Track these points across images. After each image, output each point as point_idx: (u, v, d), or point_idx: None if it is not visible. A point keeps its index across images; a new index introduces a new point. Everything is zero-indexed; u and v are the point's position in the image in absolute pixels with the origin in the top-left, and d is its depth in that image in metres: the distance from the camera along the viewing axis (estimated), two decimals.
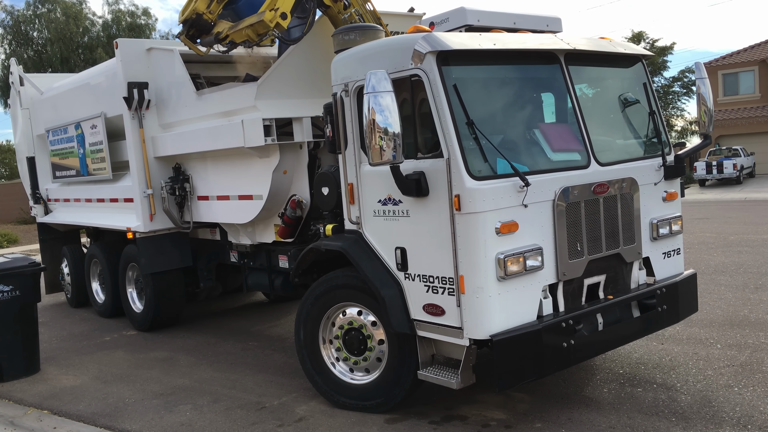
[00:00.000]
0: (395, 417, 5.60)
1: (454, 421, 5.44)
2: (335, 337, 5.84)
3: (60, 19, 31.56)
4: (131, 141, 8.66)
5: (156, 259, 8.88)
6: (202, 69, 8.51)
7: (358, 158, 5.43)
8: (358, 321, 5.66)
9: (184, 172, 8.60)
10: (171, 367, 7.70)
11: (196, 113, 7.97)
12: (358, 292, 5.59)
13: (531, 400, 5.73)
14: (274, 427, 5.63)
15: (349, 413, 5.79)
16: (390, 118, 4.60)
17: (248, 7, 6.91)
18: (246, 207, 7.60)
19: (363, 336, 5.65)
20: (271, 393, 6.50)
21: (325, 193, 6.00)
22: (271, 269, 7.96)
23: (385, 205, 5.23)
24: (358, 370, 5.76)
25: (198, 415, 6.07)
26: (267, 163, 7.18)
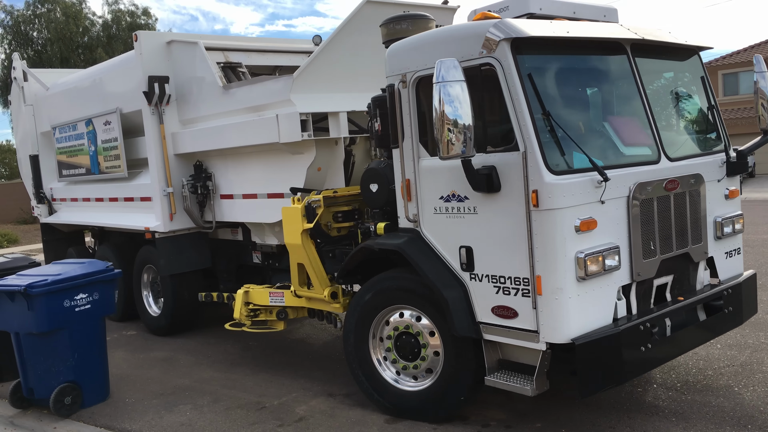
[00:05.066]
0: (395, 417, 5.54)
1: (455, 420, 5.40)
2: (387, 349, 5.55)
3: (60, 19, 31.13)
4: (151, 137, 8.31)
5: (175, 260, 8.53)
6: (244, 57, 8.17)
7: (417, 152, 5.16)
8: (412, 325, 5.37)
9: (206, 169, 8.27)
10: (171, 367, 7.65)
11: (222, 108, 7.64)
12: (412, 295, 5.30)
13: (531, 400, 5.46)
14: (274, 427, 5.61)
15: (349, 413, 5.78)
16: (461, 109, 4.34)
17: None
18: (276, 206, 7.27)
19: (416, 341, 5.37)
20: (271, 393, 6.47)
21: (373, 190, 5.71)
22: None
23: (448, 201, 4.96)
24: (409, 375, 5.47)
25: (198, 414, 6.04)
26: (301, 160, 6.88)
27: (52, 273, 6.44)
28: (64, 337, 6.31)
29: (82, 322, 6.40)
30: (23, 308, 6.17)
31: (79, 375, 6.41)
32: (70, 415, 6.29)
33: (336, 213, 6.27)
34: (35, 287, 6.11)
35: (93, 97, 9.55)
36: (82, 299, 6.41)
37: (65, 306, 6.28)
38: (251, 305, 7.12)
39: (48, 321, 6.20)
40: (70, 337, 6.33)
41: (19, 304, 6.19)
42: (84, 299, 6.42)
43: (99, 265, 6.83)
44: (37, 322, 6.19)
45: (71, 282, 6.34)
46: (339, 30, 6.65)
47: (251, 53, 8.29)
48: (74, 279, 6.38)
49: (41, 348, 6.31)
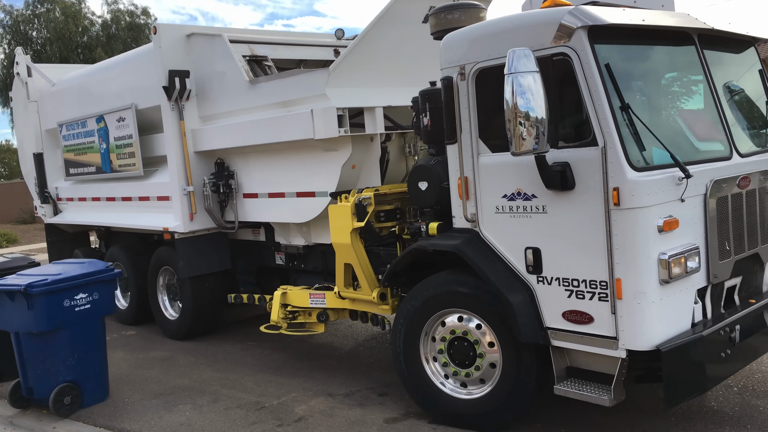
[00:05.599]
0: (394, 417, 5.58)
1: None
2: (439, 351, 5.27)
3: (59, 18, 30.71)
4: (170, 134, 7.97)
5: (195, 262, 8.20)
6: (270, 50, 7.84)
7: (476, 149, 4.88)
8: (469, 331, 5.09)
9: (228, 167, 7.94)
10: (170, 367, 7.61)
11: (248, 104, 7.32)
12: (468, 298, 5.03)
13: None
14: (273, 427, 5.59)
15: (349, 412, 5.76)
16: (533, 101, 4.08)
17: None
18: (306, 205, 6.99)
19: (471, 347, 5.09)
20: (270, 393, 6.45)
21: (422, 188, 5.42)
22: (327, 272, 7.36)
23: (513, 200, 4.69)
24: (464, 383, 5.19)
25: (197, 414, 6.03)
26: (335, 157, 6.58)
27: (52, 273, 6.41)
28: (64, 336, 6.28)
29: (81, 322, 6.38)
30: (23, 308, 6.14)
31: (78, 375, 6.39)
32: (70, 415, 6.27)
33: (379, 212, 5.98)
34: (35, 287, 6.07)
35: (105, 93, 9.19)
36: (82, 299, 6.39)
37: (65, 306, 6.25)
38: (289, 307, 6.82)
39: (48, 320, 6.16)
40: (69, 336, 6.31)
41: (18, 303, 6.16)
42: (84, 299, 6.40)
43: (99, 265, 6.80)
44: (37, 321, 6.16)
45: (71, 282, 6.31)
46: (374, 23, 6.36)
47: (276, 46, 7.96)
48: (74, 279, 6.35)
49: (41, 348, 6.27)
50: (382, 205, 6.00)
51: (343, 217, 5.87)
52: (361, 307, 6.36)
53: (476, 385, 5.12)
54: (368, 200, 5.79)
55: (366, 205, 5.79)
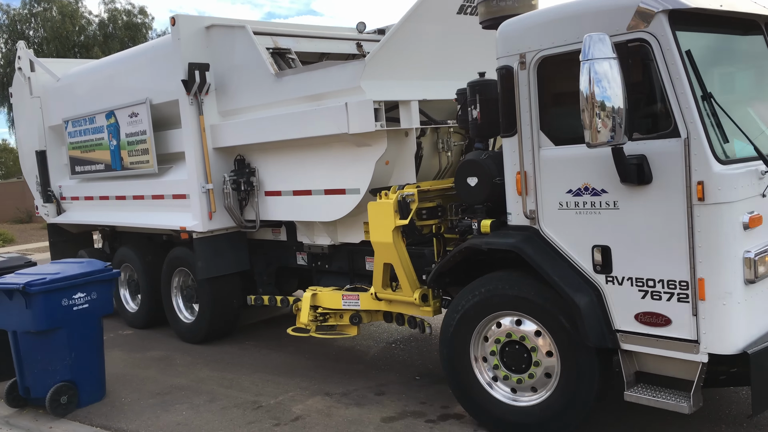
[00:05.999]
0: (392, 416, 5.60)
1: (450, 419, 5.43)
2: (491, 353, 5.01)
3: (56, 18, 30.39)
4: (189, 130, 7.65)
5: (214, 262, 7.88)
6: (293, 43, 7.54)
7: (537, 141, 4.62)
8: (523, 335, 4.84)
9: (248, 164, 7.64)
10: (168, 367, 7.58)
11: (274, 98, 7.02)
12: (524, 301, 4.77)
13: None
14: (270, 426, 5.60)
15: (346, 412, 5.77)
16: (610, 90, 3.84)
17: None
18: (335, 203, 6.71)
19: (526, 351, 4.84)
20: (267, 392, 6.45)
21: (472, 184, 5.16)
22: (354, 272, 7.08)
23: (579, 195, 4.43)
24: (514, 389, 4.93)
25: (194, 414, 6.02)
26: (369, 153, 6.30)
27: (51, 272, 6.38)
28: (62, 336, 6.26)
29: (79, 322, 6.35)
30: (21, 306, 6.13)
31: (75, 374, 6.37)
32: (66, 414, 6.23)
33: (420, 209, 5.71)
34: (34, 286, 6.05)
35: (115, 87, 8.85)
36: (80, 298, 6.36)
37: (63, 305, 6.23)
38: (319, 309, 6.53)
39: (46, 320, 6.16)
40: (67, 336, 6.28)
41: (17, 302, 6.14)
42: (82, 299, 6.38)
43: (97, 264, 6.75)
44: (35, 320, 6.15)
45: (69, 281, 6.29)
46: (410, 14, 6.10)
47: (299, 39, 7.67)
48: (72, 278, 6.32)
49: (38, 347, 6.27)
50: (424, 203, 5.73)
51: (384, 215, 5.59)
52: (398, 309, 6.08)
53: (527, 392, 4.87)
54: (411, 197, 5.52)
55: (410, 202, 5.51)
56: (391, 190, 5.73)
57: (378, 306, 6.19)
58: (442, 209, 5.81)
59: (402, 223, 5.51)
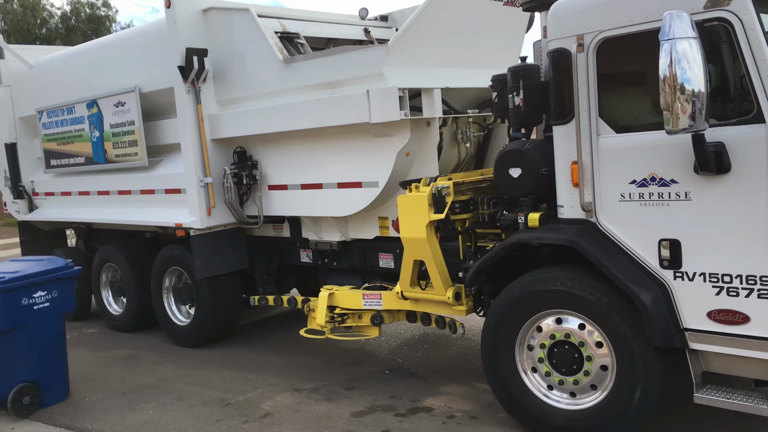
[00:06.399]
0: (361, 410, 5.60)
1: (420, 413, 5.47)
2: (539, 360, 4.73)
3: (17, 10, 29.00)
4: (186, 120, 7.15)
5: (213, 261, 7.42)
6: (302, 27, 7.10)
7: (595, 129, 4.34)
8: (568, 332, 4.57)
9: (251, 157, 7.20)
10: (134, 365, 7.44)
11: (282, 85, 6.60)
12: (575, 299, 4.49)
13: None
14: (239, 423, 5.54)
15: (316, 407, 5.73)
16: (690, 71, 3.58)
17: None
18: (350, 197, 6.34)
19: (577, 353, 4.57)
20: (236, 389, 6.38)
21: (515, 175, 4.85)
22: (366, 270, 6.73)
23: (645, 186, 4.17)
24: (573, 392, 4.66)
25: (161, 413, 5.93)
26: (389, 143, 5.95)
27: (9, 271, 6.18)
28: (22, 335, 6.10)
29: (40, 321, 6.20)
30: None
31: (37, 374, 6.22)
32: (29, 415, 6.08)
33: (453, 203, 5.38)
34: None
35: (98, 75, 8.27)
36: (41, 297, 6.20)
37: (23, 304, 6.07)
38: (337, 309, 6.15)
39: (5, 319, 5.98)
40: (28, 335, 6.13)
41: None
42: (43, 297, 6.21)
43: (58, 262, 6.58)
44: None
45: (29, 279, 6.12)
46: None
47: (308, 23, 7.25)
48: (33, 276, 6.15)
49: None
50: (457, 196, 5.41)
51: (417, 209, 5.25)
52: (426, 309, 5.75)
53: (587, 392, 4.60)
54: (447, 190, 5.18)
55: (445, 195, 5.18)
56: (422, 183, 5.39)
57: (403, 306, 5.85)
58: (474, 203, 5.50)
59: (437, 217, 5.18)
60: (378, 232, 6.52)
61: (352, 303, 6.11)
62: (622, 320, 4.31)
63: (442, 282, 5.36)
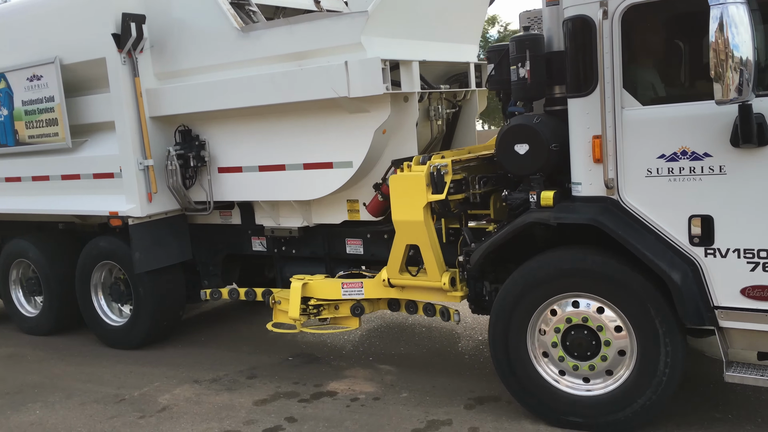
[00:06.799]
0: (264, 398, 5.53)
1: (324, 397, 5.48)
2: (552, 345, 4.51)
3: None
4: (122, 95, 6.37)
5: (153, 253, 6.69)
6: None
7: (619, 101, 4.12)
8: (586, 316, 4.38)
9: (197, 136, 6.52)
10: (17, 364, 7.03)
11: (237, 57, 6.00)
12: (596, 280, 4.31)
13: (398, 372, 5.92)
14: (134, 419, 5.34)
15: (216, 398, 5.61)
16: (738, 37, 3.44)
17: None
18: (319, 178, 5.88)
19: (594, 338, 4.39)
20: (130, 384, 6.13)
21: (521, 152, 4.57)
22: (330, 257, 6.29)
23: (675, 161, 4.00)
24: (587, 377, 4.48)
25: (49, 412, 5.64)
26: (367, 120, 5.54)
27: None
28: None
29: None
30: None
31: None
32: None
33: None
34: None
35: (6, 44, 7.23)
36: None
37: None
38: (312, 301, 5.67)
39: None
40: None
41: None
42: None
43: None
44: None
45: None
46: None
47: None
48: None
49: None
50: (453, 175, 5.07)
51: (414, 189, 4.86)
52: (415, 296, 5.39)
53: (602, 377, 4.42)
54: (446, 168, 4.83)
55: (444, 174, 4.83)
56: (414, 162, 5.01)
57: (387, 294, 5.47)
58: (466, 182, 5.18)
59: (436, 198, 4.81)
60: (346, 216, 6.09)
61: (330, 293, 5.65)
62: (646, 302, 4.16)
63: (438, 267, 5.02)
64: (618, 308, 4.27)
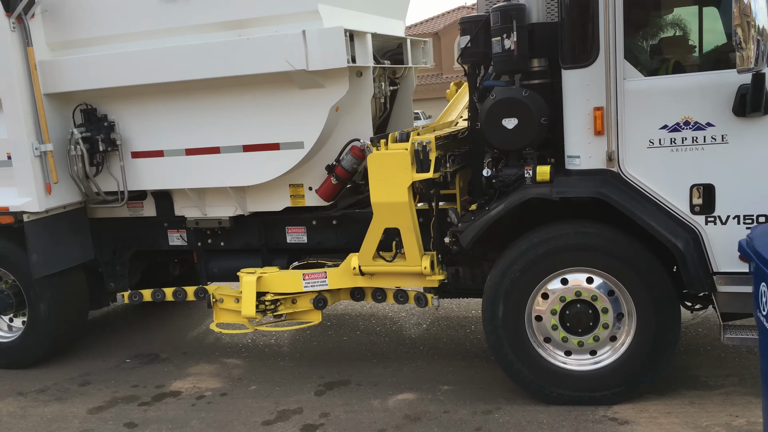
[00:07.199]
0: (100, 405, 5.20)
1: (167, 398, 5.23)
2: (552, 328, 4.44)
3: None
4: (12, 67, 5.37)
5: (54, 253, 5.74)
6: None
7: (621, 72, 4.10)
8: (588, 291, 4.37)
9: (105, 116, 5.68)
10: None
11: (161, 24, 5.31)
12: (595, 254, 4.29)
13: (246, 365, 5.79)
14: None
15: (45, 410, 5.20)
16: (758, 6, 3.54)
17: None
18: (263, 161, 5.38)
19: (593, 310, 4.38)
20: None
21: (509, 126, 4.43)
22: (268, 248, 5.79)
23: (677, 131, 4.05)
24: (593, 350, 4.46)
25: None
26: (321, 96, 5.12)
27: None
28: None
29: None
30: None
31: None
32: None
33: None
34: None
35: None
36: None
37: None
38: (269, 296, 5.13)
39: None
40: None
41: None
42: None
43: None
44: None
45: None
46: None
47: None
48: None
49: None
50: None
51: (397, 169, 4.53)
52: (387, 283, 5.06)
53: (607, 345, 4.43)
54: (430, 145, 4.55)
55: (429, 151, 4.55)
56: (390, 139, 4.68)
57: (354, 282, 5.09)
58: (443, 160, 4.94)
59: (422, 177, 4.52)
60: (289, 202, 5.62)
61: (289, 286, 5.16)
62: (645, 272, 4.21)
63: (418, 251, 4.74)
64: (611, 274, 4.28)
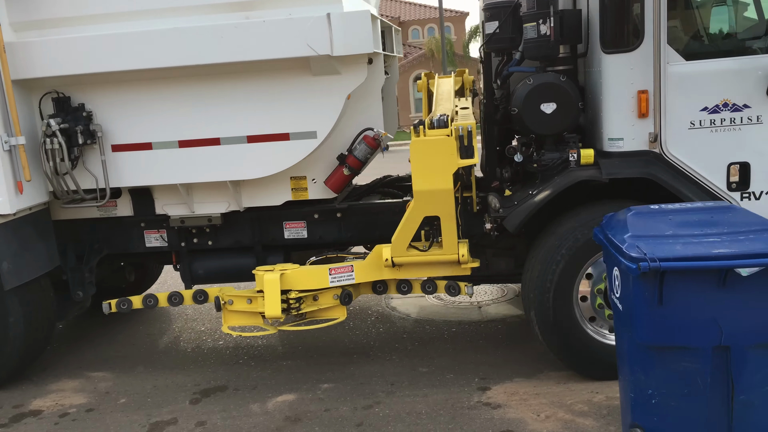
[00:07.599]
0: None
1: (27, 419, 4.82)
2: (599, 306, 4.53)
3: None
4: None
5: (24, 261, 5.07)
6: None
7: (664, 57, 4.25)
8: None
9: (82, 105, 5.10)
10: None
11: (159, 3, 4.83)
12: None
13: (114, 377, 5.42)
14: None
15: None
16: None
17: None
18: (271, 152, 5.07)
19: None
20: None
21: (548, 111, 4.47)
22: (263, 246, 5.49)
23: (716, 113, 4.28)
24: None
25: None
26: (337, 84, 4.93)
27: None
28: None
29: None
30: None
31: None
32: None
33: None
34: None
35: None
36: None
37: None
38: (293, 293, 4.81)
39: None
40: None
41: None
42: None
43: None
44: None
45: None
46: None
47: None
48: None
49: None
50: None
51: (442, 155, 4.40)
52: (417, 273, 4.90)
53: None
54: (471, 132, 4.48)
55: (472, 137, 4.47)
56: (427, 125, 4.56)
57: (381, 275, 4.90)
58: None
59: (466, 162, 4.43)
60: (290, 195, 5.34)
61: (314, 282, 4.86)
62: None
63: (456, 238, 4.66)
64: None
